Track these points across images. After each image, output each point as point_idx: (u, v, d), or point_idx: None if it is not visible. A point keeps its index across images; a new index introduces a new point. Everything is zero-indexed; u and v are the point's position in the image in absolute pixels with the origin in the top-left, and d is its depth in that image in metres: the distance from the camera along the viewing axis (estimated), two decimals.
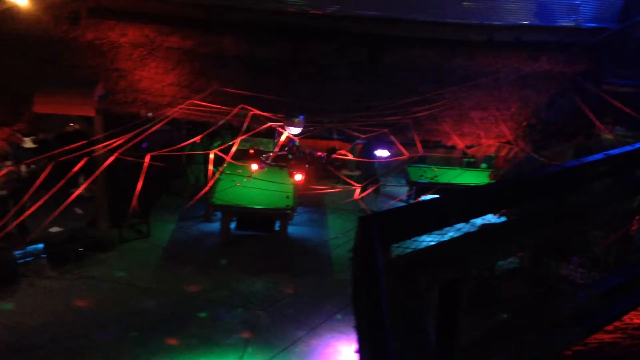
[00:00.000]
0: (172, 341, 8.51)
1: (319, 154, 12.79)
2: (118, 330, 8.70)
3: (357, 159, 10.95)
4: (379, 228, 2.35)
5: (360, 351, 2.17)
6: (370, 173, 12.97)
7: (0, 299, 9.29)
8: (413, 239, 2.60)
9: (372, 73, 11.47)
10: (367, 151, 12.57)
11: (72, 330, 8.60)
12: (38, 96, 9.30)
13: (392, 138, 8.88)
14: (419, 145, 8.96)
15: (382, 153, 11.56)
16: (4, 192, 10.83)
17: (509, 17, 10.93)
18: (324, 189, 9.62)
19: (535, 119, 10.99)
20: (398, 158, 10.15)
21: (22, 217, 9.02)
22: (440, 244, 2.83)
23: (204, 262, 11.13)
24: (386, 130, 8.93)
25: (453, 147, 11.12)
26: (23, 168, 10.91)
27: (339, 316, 9.14)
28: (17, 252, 10.32)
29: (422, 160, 13.72)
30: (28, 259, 10.52)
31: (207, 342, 8.55)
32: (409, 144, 10.16)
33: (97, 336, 8.51)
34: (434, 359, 2.07)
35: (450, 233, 3.02)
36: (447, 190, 10.56)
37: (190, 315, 9.23)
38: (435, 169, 13.84)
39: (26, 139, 11.47)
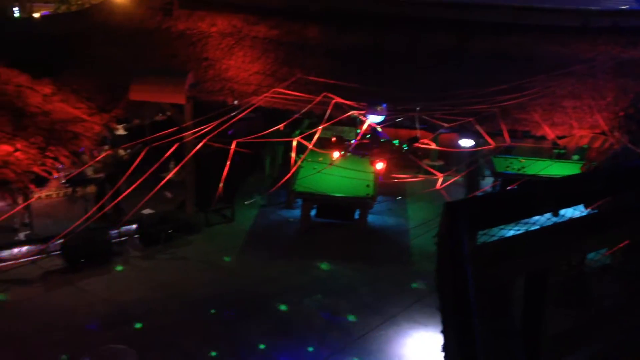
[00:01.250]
0: (253, 323, 8.79)
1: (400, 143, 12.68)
2: (204, 309, 9.09)
3: (440, 148, 10.74)
4: (466, 214, 2.31)
5: (445, 335, 2.15)
6: (454, 163, 12.68)
7: (96, 274, 9.97)
8: (499, 227, 2.53)
9: (459, 61, 11.20)
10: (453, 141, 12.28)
11: (162, 306, 9.09)
12: (134, 85, 9.84)
13: (478, 127, 8.63)
14: (506, 135, 8.65)
15: (466, 143, 11.26)
16: (101, 175, 11.55)
17: (606, 1, 10.30)
18: (405, 177, 9.53)
19: (633, 108, 10.31)
20: (483, 148, 9.86)
21: (117, 200, 9.61)
22: (527, 233, 2.73)
23: (285, 248, 11.38)
24: (471, 119, 8.69)
25: (543, 138, 10.64)
26: (120, 152, 11.57)
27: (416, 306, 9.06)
28: (113, 232, 10.98)
29: (508, 151, 13.25)
30: (122, 239, 11.18)
31: (287, 326, 8.76)
32: (495, 134, 9.85)
33: (184, 313, 8.95)
34: (519, 346, 2.01)
35: (538, 223, 2.91)
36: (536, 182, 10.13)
37: (271, 299, 9.48)
38: (523, 160, 13.30)
39: (118, 126, 12.16)
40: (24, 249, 10.29)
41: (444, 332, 2.14)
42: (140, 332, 8.31)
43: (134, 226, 11.36)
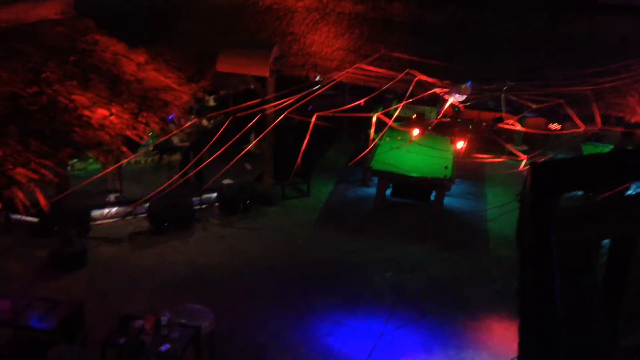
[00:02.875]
0: (324, 294, 8.94)
1: (483, 124, 12.31)
2: (277, 278, 9.35)
3: (525, 129, 10.33)
4: (551, 176, 2.23)
5: (522, 293, 2.12)
6: (539, 148, 12.17)
7: (178, 238, 10.46)
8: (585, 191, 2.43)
9: (549, 42, 10.69)
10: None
11: (237, 272, 9.43)
12: (221, 56, 10.14)
13: (568, 110, 8.22)
14: (598, 119, 8.20)
15: (554, 127, 10.78)
16: (186, 144, 12.04)
17: None
18: (485, 157, 9.25)
19: None
20: (571, 131, 9.39)
21: (198, 168, 9.98)
22: (614, 198, 2.60)
23: (358, 225, 11.42)
24: (561, 101, 8.29)
25: (638, 125, 10.01)
26: (204, 122, 12.00)
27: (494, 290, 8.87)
28: (194, 199, 11.45)
29: (599, 138, 12.55)
30: (203, 206, 11.64)
31: (356, 301, 8.84)
32: (586, 119, 9.35)
33: (258, 280, 9.24)
34: (600, 302, 1.95)
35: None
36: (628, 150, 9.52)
37: (342, 274, 9.59)
38: None
39: (209, 97, 12.57)
40: (114, 210, 10.95)
41: (521, 287, 2.10)
42: (216, 294, 8.66)
43: (215, 195, 11.79)
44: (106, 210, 10.87)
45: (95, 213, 10.72)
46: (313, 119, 8.48)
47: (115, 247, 10.04)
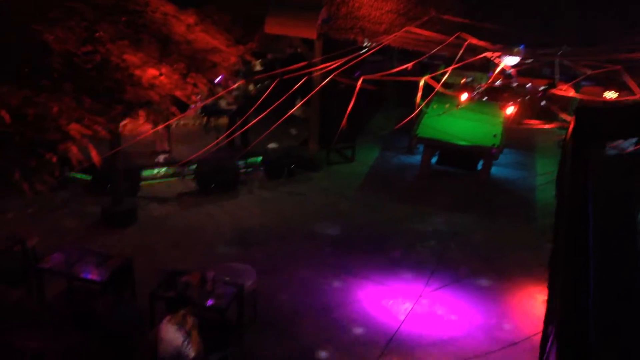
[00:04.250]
0: (365, 259, 8.98)
1: (536, 91, 11.88)
2: (319, 241, 9.44)
3: (580, 96, 9.93)
4: (594, 121, 2.14)
5: (557, 231, 2.07)
6: None
7: (224, 200, 10.66)
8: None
9: (607, 7, 10.19)
10: None
11: (280, 234, 9.56)
12: (269, 18, 10.11)
13: (625, 77, 7.85)
14: None
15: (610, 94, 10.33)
16: (233, 107, 12.14)
17: None
18: (536, 123, 8.97)
19: None
20: (627, 98, 8.97)
21: (243, 129, 10.05)
22: None
23: (402, 192, 11.35)
24: (618, 67, 7.92)
25: None
26: (250, 87, 12.05)
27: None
28: (240, 162, 11.60)
29: None
30: (248, 169, 11.79)
31: (397, 266, 8.86)
32: None
33: (301, 243, 9.36)
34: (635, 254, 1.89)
35: None
36: None
37: (384, 239, 9.60)
38: None
39: (256, 61, 12.58)
40: (163, 170, 11.23)
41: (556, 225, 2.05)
42: (259, 255, 8.84)
43: (260, 159, 11.91)
44: (155, 171, 11.16)
45: (145, 173, 11.02)
46: (359, 83, 8.39)
47: (164, 206, 10.32)
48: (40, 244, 7.86)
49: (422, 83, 9.11)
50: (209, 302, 6.64)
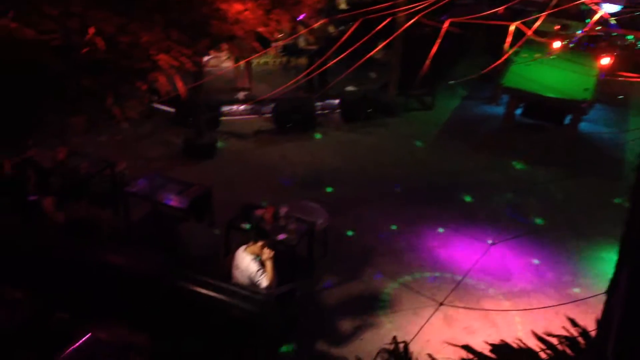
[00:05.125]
0: (437, 208, 8.89)
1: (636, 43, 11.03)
2: (391, 187, 9.42)
3: None
4: None
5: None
6: None
7: (299, 139, 10.79)
8: None
9: None
10: None
11: (352, 177, 9.62)
12: None
13: None
14: None
15: None
16: (313, 47, 12.08)
17: None
18: (633, 76, 8.33)
19: None
20: None
21: (321, 69, 9.97)
22: None
23: (482, 143, 11.04)
24: None
25: None
26: (332, 28, 11.89)
27: None
28: (317, 104, 11.63)
29: None
30: (325, 111, 11.81)
31: (470, 217, 8.72)
32: None
33: (372, 187, 9.39)
34: None
35: None
36: None
37: (459, 189, 9.44)
38: None
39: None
40: (242, 107, 11.47)
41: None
42: (331, 196, 8.95)
43: (337, 101, 11.88)
44: (235, 107, 11.41)
45: (225, 109, 11.29)
46: (445, 25, 8.07)
47: (241, 142, 10.60)
48: (128, 170, 8.34)
49: (512, 28, 8.62)
50: (281, 237, 6.85)
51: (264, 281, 5.64)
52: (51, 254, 5.73)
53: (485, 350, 5.21)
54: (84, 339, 4.97)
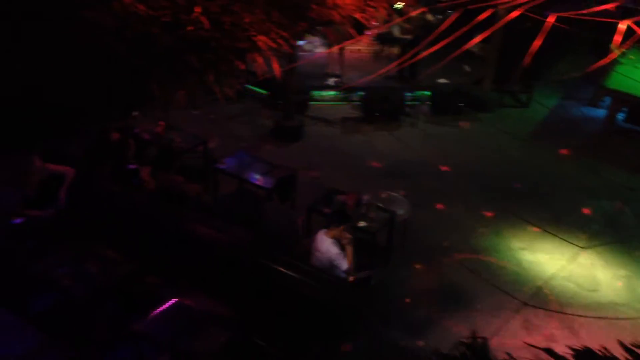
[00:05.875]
0: (524, 209, 8.58)
1: None
2: (479, 184, 9.19)
3: None
4: None
5: None
6: None
7: (386, 129, 10.74)
8: None
9: None
10: None
11: (438, 171, 9.43)
12: None
13: None
14: None
15: None
16: (408, 36, 11.93)
17: None
18: None
19: None
20: None
21: (414, 59, 9.82)
22: None
23: (577, 146, 10.47)
24: None
25: None
26: (430, 17, 11.67)
27: None
28: (407, 94, 11.51)
29: None
30: (414, 102, 11.67)
31: (558, 222, 8.35)
32: None
33: (459, 183, 9.20)
34: None
35: None
36: None
37: (547, 191, 9.11)
38: None
39: None
40: (332, 93, 11.56)
41: None
42: (414, 188, 8.81)
43: (428, 93, 11.70)
44: (324, 93, 11.52)
45: (315, 94, 11.43)
46: (549, 21, 7.73)
47: (328, 128, 10.70)
48: (219, 147, 8.66)
49: (622, 26, 8.12)
50: (361, 224, 6.89)
51: (344, 264, 5.72)
52: (148, 220, 6.09)
53: (568, 355, 5.00)
54: (169, 302, 5.26)
